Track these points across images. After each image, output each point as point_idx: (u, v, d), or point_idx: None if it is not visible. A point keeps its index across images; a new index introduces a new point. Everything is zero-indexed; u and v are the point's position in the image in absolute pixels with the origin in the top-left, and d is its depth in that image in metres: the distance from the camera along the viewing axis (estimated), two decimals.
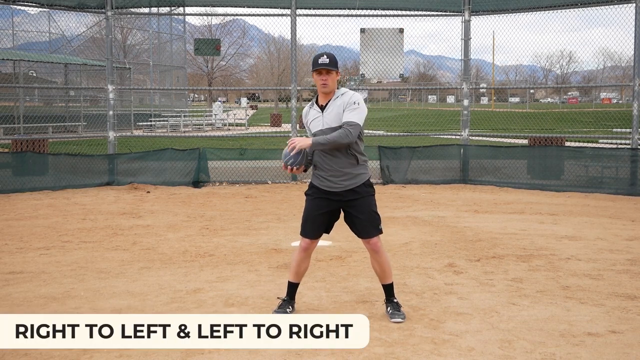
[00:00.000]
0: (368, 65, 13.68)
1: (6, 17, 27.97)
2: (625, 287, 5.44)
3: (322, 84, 4.40)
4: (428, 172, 13.22)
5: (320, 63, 4.37)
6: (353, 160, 4.46)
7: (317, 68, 4.39)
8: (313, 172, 4.62)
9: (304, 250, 4.62)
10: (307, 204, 4.64)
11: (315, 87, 4.57)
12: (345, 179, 4.47)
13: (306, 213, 4.61)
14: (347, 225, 4.68)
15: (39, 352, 3.97)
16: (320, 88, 4.43)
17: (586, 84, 59.82)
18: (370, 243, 4.55)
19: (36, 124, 23.10)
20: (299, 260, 4.65)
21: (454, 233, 7.80)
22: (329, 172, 4.47)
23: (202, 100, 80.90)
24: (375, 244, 4.55)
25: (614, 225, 8.39)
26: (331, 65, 4.37)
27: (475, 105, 56.02)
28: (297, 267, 4.68)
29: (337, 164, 4.44)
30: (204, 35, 50.27)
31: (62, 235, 7.74)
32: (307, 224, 4.60)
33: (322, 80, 4.39)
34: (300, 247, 4.65)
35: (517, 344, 4.13)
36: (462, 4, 13.54)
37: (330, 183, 4.49)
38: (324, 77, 4.39)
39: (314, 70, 4.41)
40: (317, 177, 4.56)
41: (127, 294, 5.23)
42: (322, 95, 4.50)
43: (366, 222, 4.52)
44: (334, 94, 4.48)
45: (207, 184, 12.82)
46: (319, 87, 4.43)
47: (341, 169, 4.45)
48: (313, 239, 4.60)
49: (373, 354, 3.95)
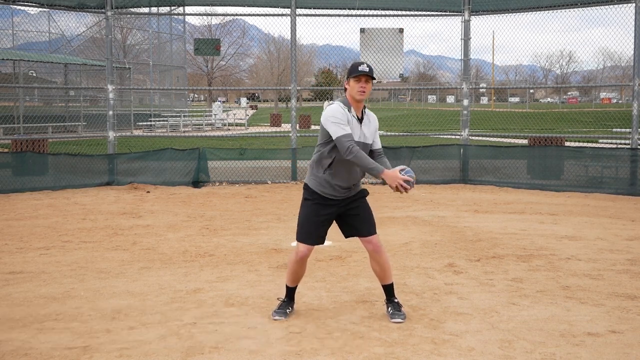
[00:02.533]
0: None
1: (6, 17, 27.96)
2: (625, 287, 5.44)
3: (361, 91, 4.34)
4: (428, 172, 13.22)
5: (360, 70, 4.33)
6: (361, 174, 4.57)
7: (357, 75, 4.32)
8: (322, 177, 4.46)
9: (302, 259, 4.51)
10: (306, 209, 4.53)
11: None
12: (351, 190, 4.55)
13: (307, 218, 4.51)
14: (346, 230, 4.65)
15: (39, 352, 3.98)
16: (357, 95, 4.36)
17: (586, 84, 59.85)
18: (372, 243, 4.53)
19: (36, 124, 23.11)
20: (296, 268, 4.58)
21: (454, 233, 7.80)
22: (346, 183, 4.47)
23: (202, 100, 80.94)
24: (378, 244, 4.55)
25: (614, 225, 8.39)
26: (371, 73, 4.36)
27: (475, 105, 56.03)
28: (295, 274, 4.64)
29: (355, 177, 4.52)
30: (203, 35, 50.33)
31: (62, 235, 7.74)
32: (306, 228, 4.50)
33: (362, 87, 4.34)
34: (297, 256, 4.51)
35: (517, 344, 4.13)
36: (462, 4, 13.54)
37: (341, 193, 4.49)
38: (363, 85, 4.34)
39: (353, 77, 4.34)
40: (330, 186, 4.46)
41: (127, 294, 5.23)
42: (355, 104, 4.44)
43: (367, 219, 4.57)
44: (363, 106, 4.51)
45: (207, 184, 12.82)
46: (356, 93, 4.35)
47: (354, 182, 4.53)
48: (312, 245, 4.52)
49: (373, 354, 3.95)
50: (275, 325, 4.47)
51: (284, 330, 4.36)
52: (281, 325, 4.48)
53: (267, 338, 4.22)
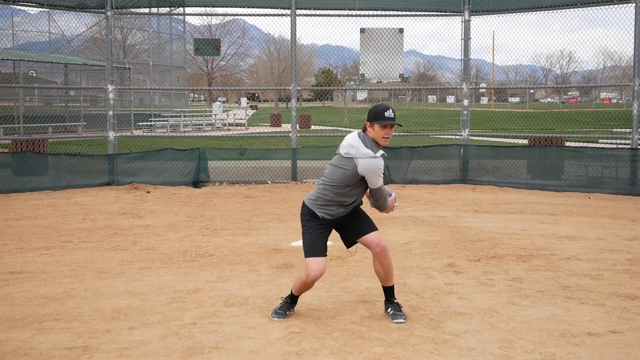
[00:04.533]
0: (368, 65, 13.68)
1: (6, 17, 27.97)
2: (625, 287, 5.44)
3: (386, 137, 4.49)
4: (428, 172, 13.22)
5: (387, 117, 4.43)
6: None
7: (385, 123, 4.43)
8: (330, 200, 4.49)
9: (316, 278, 4.48)
10: (309, 229, 4.55)
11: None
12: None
13: (311, 238, 4.53)
14: (347, 239, 4.67)
15: (39, 352, 3.98)
16: (382, 141, 4.49)
17: (586, 84, 59.89)
18: (380, 245, 4.55)
19: (36, 124, 23.12)
20: (308, 286, 4.59)
21: (454, 233, 7.80)
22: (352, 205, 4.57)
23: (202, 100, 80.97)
24: (385, 247, 4.57)
25: (614, 225, 8.39)
26: (395, 120, 4.50)
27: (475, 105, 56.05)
28: (305, 289, 4.64)
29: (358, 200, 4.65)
30: (203, 35, 50.33)
31: (62, 235, 7.74)
32: (313, 244, 4.52)
33: (387, 134, 4.48)
34: (312, 275, 4.45)
35: (517, 344, 4.13)
36: (462, 4, 13.54)
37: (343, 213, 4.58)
38: (389, 132, 4.48)
39: (379, 123, 4.42)
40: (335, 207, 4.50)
41: (127, 294, 5.23)
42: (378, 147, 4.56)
43: (362, 219, 4.61)
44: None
45: (207, 184, 12.82)
46: (381, 140, 4.48)
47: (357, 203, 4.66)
48: (323, 256, 4.50)
49: (373, 354, 3.95)
50: (275, 325, 4.47)
51: (284, 330, 4.36)
52: (281, 325, 4.48)
53: (267, 338, 4.22)
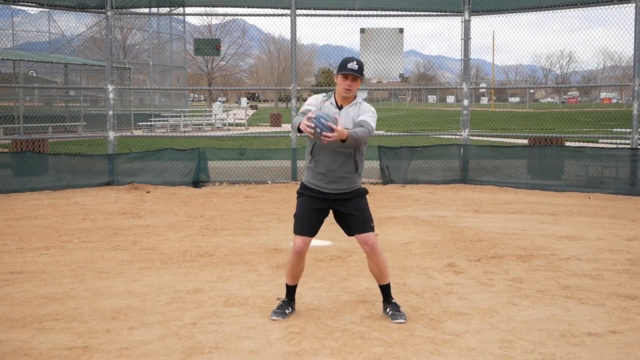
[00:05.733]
0: (368, 65, 13.67)
1: (6, 17, 27.97)
2: (625, 287, 5.44)
3: (346, 89, 4.38)
4: (428, 172, 13.21)
5: (349, 68, 4.35)
6: (353, 167, 4.49)
7: (344, 72, 4.35)
8: (308, 168, 4.54)
9: (298, 253, 4.53)
10: (299, 202, 4.63)
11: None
12: (340, 183, 4.49)
13: (299, 210, 4.59)
14: (345, 229, 4.65)
15: (39, 352, 3.98)
16: (342, 92, 4.41)
17: (586, 83, 59.88)
18: (368, 243, 4.50)
19: (36, 124, 23.11)
20: (294, 263, 4.61)
21: (454, 233, 7.80)
22: (328, 171, 4.46)
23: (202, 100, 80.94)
24: (373, 245, 4.51)
25: (614, 225, 8.39)
26: (358, 72, 4.37)
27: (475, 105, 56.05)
28: (293, 270, 4.65)
29: (339, 167, 4.45)
30: (203, 35, 50.30)
31: (62, 235, 7.74)
32: (301, 220, 4.56)
33: (347, 85, 4.38)
34: (294, 249, 4.56)
35: (517, 344, 4.13)
36: (462, 4, 13.53)
37: (325, 183, 4.48)
38: (349, 83, 4.38)
39: (341, 74, 4.37)
40: (314, 174, 4.50)
41: (127, 294, 5.23)
42: (341, 99, 4.48)
43: (357, 218, 4.52)
44: (352, 100, 4.51)
45: (207, 184, 12.82)
46: (341, 90, 4.40)
47: (340, 173, 4.46)
48: (308, 236, 4.54)
49: (373, 354, 3.95)
50: (275, 325, 4.46)
51: (284, 330, 4.36)
52: (281, 325, 4.47)
53: (267, 338, 4.22)
